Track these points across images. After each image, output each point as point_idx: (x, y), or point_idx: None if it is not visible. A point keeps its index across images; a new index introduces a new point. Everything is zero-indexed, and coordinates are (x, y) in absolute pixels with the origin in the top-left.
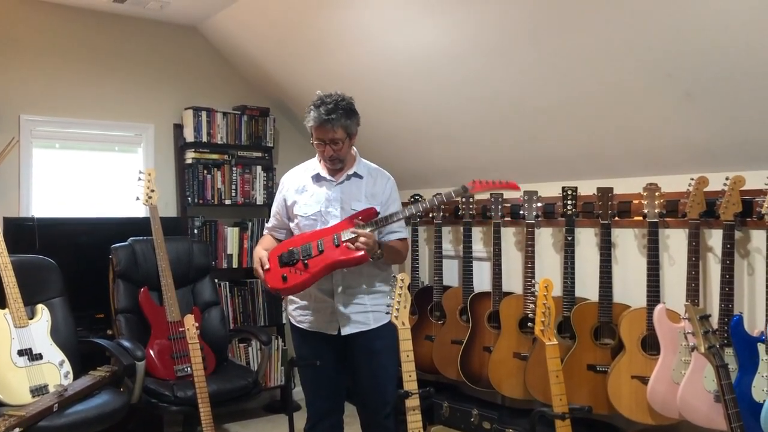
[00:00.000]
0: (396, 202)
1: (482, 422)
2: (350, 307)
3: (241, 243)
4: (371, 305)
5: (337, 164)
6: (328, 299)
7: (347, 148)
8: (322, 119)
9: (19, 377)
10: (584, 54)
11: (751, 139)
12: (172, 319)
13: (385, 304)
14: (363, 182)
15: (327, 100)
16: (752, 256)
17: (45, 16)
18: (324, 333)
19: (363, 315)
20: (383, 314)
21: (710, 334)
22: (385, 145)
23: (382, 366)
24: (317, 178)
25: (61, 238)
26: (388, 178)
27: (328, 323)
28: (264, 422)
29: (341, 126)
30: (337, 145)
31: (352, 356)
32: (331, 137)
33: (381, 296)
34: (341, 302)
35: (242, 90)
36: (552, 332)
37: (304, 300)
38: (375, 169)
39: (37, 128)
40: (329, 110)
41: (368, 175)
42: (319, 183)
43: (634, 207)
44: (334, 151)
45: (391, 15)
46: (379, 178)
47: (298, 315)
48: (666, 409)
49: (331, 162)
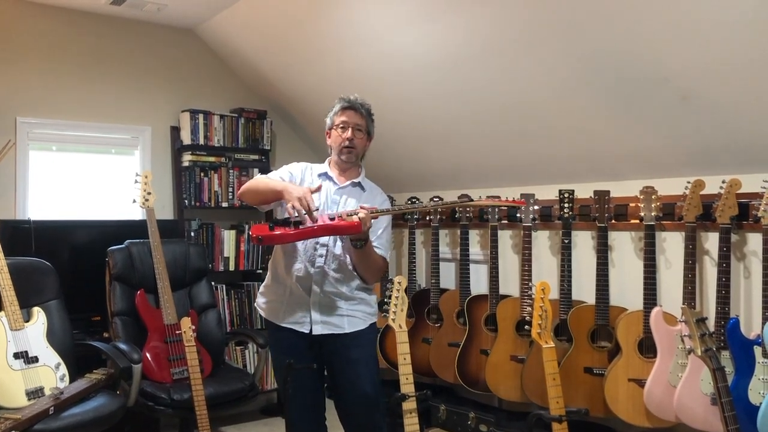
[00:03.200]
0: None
1: (479, 425)
2: (325, 307)
3: (237, 246)
4: (347, 309)
5: (351, 156)
6: (304, 295)
7: (363, 144)
8: (355, 103)
9: (14, 380)
10: (582, 58)
11: (747, 142)
12: (169, 321)
13: (361, 311)
14: (363, 195)
15: (355, 96)
16: (748, 259)
17: (42, 18)
18: (296, 330)
19: (338, 318)
20: (359, 320)
21: (707, 337)
22: (383, 148)
23: (359, 376)
24: (325, 176)
25: (57, 241)
26: (385, 199)
27: (301, 318)
28: (260, 425)
29: (366, 117)
30: (360, 132)
31: (329, 361)
32: (356, 121)
33: (359, 303)
34: (317, 301)
35: (239, 93)
36: (549, 335)
37: (279, 290)
38: (375, 187)
39: (33, 130)
40: (359, 99)
41: (369, 190)
42: (324, 181)
43: (630, 210)
44: (355, 137)
45: (388, 20)
46: (377, 196)
47: (268, 306)
48: (663, 412)
49: (348, 151)
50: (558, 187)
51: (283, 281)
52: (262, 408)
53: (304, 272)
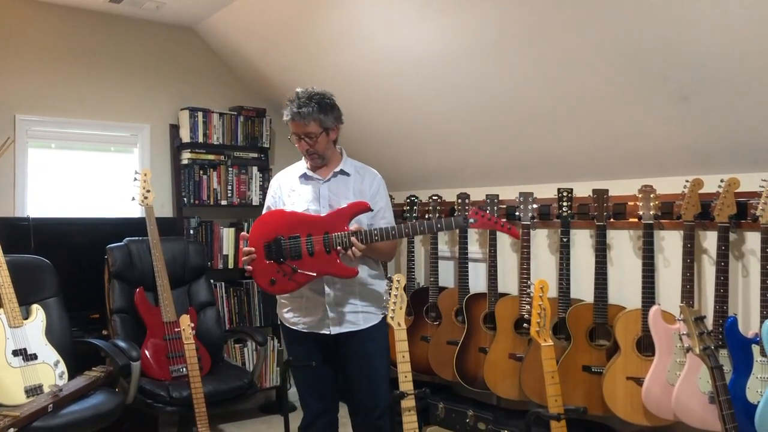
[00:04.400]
0: (383, 198)
1: (477, 423)
2: (341, 306)
3: (236, 244)
4: (362, 305)
5: (317, 160)
6: (319, 298)
7: (324, 142)
8: (294, 113)
9: (13, 377)
10: (580, 56)
11: (746, 141)
12: (168, 319)
13: (375, 305)
14: (350, 179)
15: (301, 95)
16: (747, 257)
17: (41, 15)
18: (316, 333)
19: (353, 315)
20: (374, 315)
21: (705, 336)
22: (381, 146)
23: (374, 369)
24: (305, 177)
25: (56, 238)
26: (375, 175)
27: (320, 322)
28: (259, 423)
29: (314, 119)
30: (311, 139)
31: (344, 359)
32: (303, 131)
33: (372, 297)
34: (332, 301)
35: (238, 91)
36: (547, 333)
37: (296, 302)
38: (362, 167)
39: (32, 128)
40: (301, 104)
41: (356, 172)
42: (306, 182)
43: (629, 209)
44: (309, 145)
45: (388, 17)
46: (366, 176)
47: (290, 317)
48: (661, 411)
49: (310, 157)
50: (557, 186)
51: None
52: (261, 406)
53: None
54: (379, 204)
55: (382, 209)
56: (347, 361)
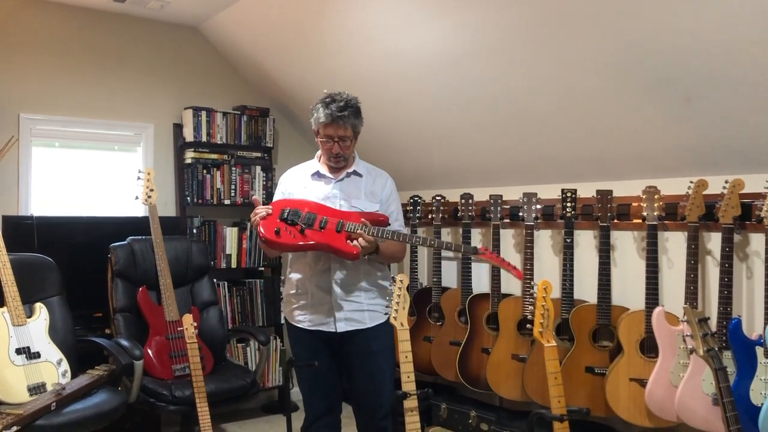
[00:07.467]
0: (396, 201)
1: (480, 424)
2: (347, 304)
3: (240, 243)
4: (367, 304)
5: (341, 162)
6: (325, 295)
7: (353, 146)
8: (335, 116)
9: (16, 376)
10: (584, 57)
11: (750, 142)
12: (171, 318)
13: (381, 304)
14: (362, 180)
15: (337, 98)
16: (751, 259)
17: (45, 14)
18: (322, 331)
19: (359, 313)
20: (379, 314)
21: (709, 337)
22: (385, 146)
23: (379, 367)
24: (317, 175)
25: (59, 237)
26: (387, 178)
27: (326, 320)
28: (262, 422)
29: (351, 124)
30: (345, 143)
31: (349, 357)
32: (341, 134)
33: (378, 295)
34: (338, 298)
35: (242, 90)
36: (551, 334)
37: (302, 299)
38: (374, 169)
39: (36, 127)
40: (341, 107)
41: (367, 173)
42: (318, 180)
43: (633, 210)
44: (341, 149)
45: (392, 18)
46: (378, 177)
47: (297, 315)
48: (664, 412)
49: (336, 160)
50: (560, 187)
51: (303, 286)
52: (264, 405)
53: (321, 273)
54: (392, 207)
55: (393, 212)
56: (352, 359)
